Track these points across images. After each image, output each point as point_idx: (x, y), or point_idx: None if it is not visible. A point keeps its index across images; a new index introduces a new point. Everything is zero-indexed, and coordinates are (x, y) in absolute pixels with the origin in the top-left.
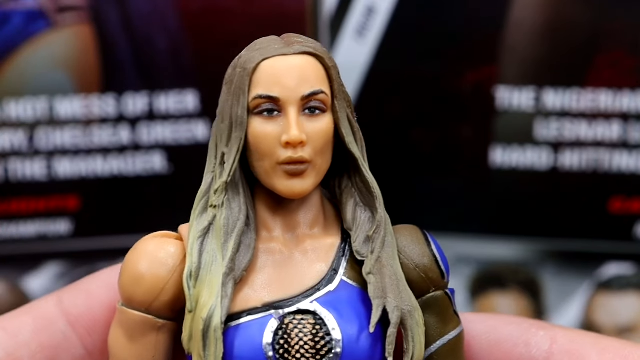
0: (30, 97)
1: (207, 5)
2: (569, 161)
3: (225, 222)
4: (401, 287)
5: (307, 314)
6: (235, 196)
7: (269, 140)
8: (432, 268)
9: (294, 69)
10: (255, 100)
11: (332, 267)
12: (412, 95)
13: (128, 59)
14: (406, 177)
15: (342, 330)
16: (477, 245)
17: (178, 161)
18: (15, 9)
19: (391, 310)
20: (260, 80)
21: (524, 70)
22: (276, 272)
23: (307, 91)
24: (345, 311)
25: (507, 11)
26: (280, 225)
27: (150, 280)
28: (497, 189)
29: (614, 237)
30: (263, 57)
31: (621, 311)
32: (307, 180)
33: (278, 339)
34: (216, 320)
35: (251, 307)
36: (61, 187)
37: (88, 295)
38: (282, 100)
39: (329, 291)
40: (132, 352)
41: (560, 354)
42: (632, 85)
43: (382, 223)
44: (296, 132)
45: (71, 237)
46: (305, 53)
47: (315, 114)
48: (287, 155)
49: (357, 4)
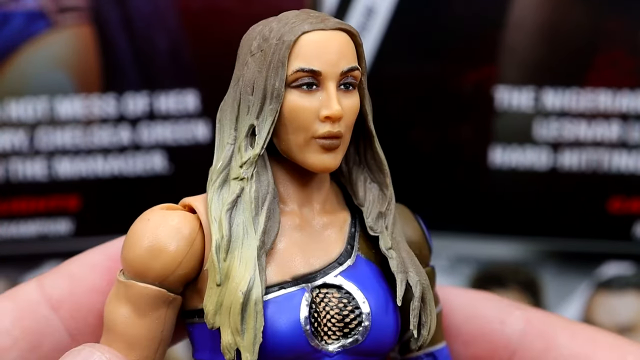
0: (31, 97)
1: (207, 5)
2: (569, 161)
3: (256, 194)
4: (415, 262)
5: (332, 288)
6: (263, 169)
7: (306, 113)
8: (424, 244)
9: (334, 44)
10: (296, 73)
11: (348, 242)
12: (412, 95)
13: (128, 59)
14: (406, 177)
15: (371, 304)
16: (477, 245)
17: (178, 161)
18: (16, 10)
19: (414, 284)
20: (301, 53)
21: (523, 70)
22: (300, 246)
23: (346, 67)
24: (369, 285)
25: (507, 11)
26: (296, 200)
27: (170, 252)
28: (496, 189)
29: (613, 237)
30: (302, 30)
31: (621, 311)
32: (338, 155)
33: (312, 312)
34: (256, 293)
35: (283, 281)
36: (61, 187)
37: (70, 278)
38: (323, 74)
39: (349, 265)
40: (142, 327)
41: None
42: (632, 85)
43: (392, 199)
44: (338, 107)
45: (71, 237)
46: (340, 29)
47: (349, 90)
48: (326, 130)
49: (357, 4)
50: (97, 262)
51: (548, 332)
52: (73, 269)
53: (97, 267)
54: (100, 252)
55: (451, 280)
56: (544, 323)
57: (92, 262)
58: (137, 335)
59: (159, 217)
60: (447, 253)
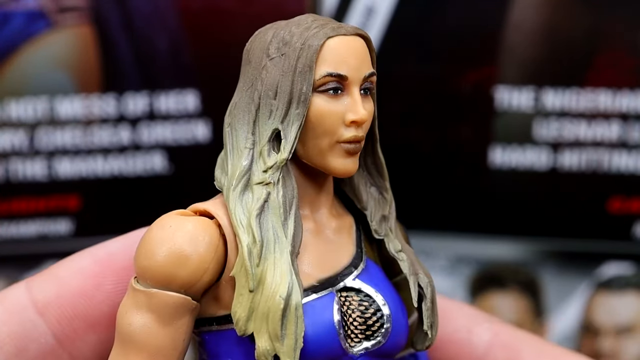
0: (31, 97)
1: (207, 5)
2: (569, 161)
3: (283, 199)
4: (421, 263)
5: (351, 291)
6: (288, 174)
7: (333, 118)
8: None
9: (356, 49)
10: (325, 77)
11: (358, 245)
12: (412, 95)
13: (128, 59)
14: (405, 177)
15: (390, 306)
16: (477, 245)
17: (178, 161)
18: (16, 9)
19: (425, 285)
20: (328, 58)
21: (523, 70)
22: (319, 249)
23: (367, 72)
24: (383, 287)
25: (507, 12)
26: (309, 205)
27: (196, 259)
28: (496, 189)
29: (613, 237)
30: (327, 35)
31: (620, 311)
32: (357, 159)
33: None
34: (296, 298)
35: (311, 285)
36: (62, 187)
37: (57, 282)
38: (349, 79)
39: (363, 268)
40: (165, 336)
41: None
42: (632, 85)
43: (392, 203)
44: (364, 111)
45: (72, 237)
46: (358, 35)
47: (367, 95)
48: (351, 134)
49: (357, 4)
50: (85, 265)
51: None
52: (60, 272)
53: (84, 271)
54: (88, 256)
55: (451, 280)
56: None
57: (80, 266)
58: (160, 346)
59: (178, 223)
60: (447, 253)
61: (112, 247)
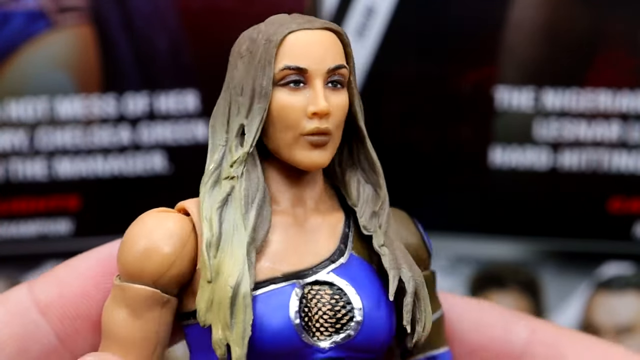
0: (31, 97)
1: (207, 5)
2: (569, 161)
3: (246, 192)
4: (408, 259)
5: (324, 285)
6: (253, 168)
7: (295, 111)
8: (421, 247)
9: (320, 42)
10: (283, 71)
11: (342, 241)
12: (412, 95)
13: (128, 59)
14: (405, 177)
15: (363, 299)
16: (477, 245)
17: (178, 161)
18: (16, 10)
19: (406, 280)
20: (287, 52)
21: (523, 70)
22: (291, 244)
23: (332, 64)
24: (361, 281)
25: (507, 11)
26: (289, 200)
27: (162, 252)
28: (496, 189)
29: (613, 237)
30: (289, 30)
31: (620, 311)
32: (327, 152)
33: (302, 307)
34: (245, 287)
35: (269, 277)
36: (61, 187)
37: (59, 283)
38: (309, 72)
39: (342, 263)
40: (136, 328)
41: (539, 344)
42: (632, 85)
43: (386, 199)
44: (324, 103)
45: (72, 237)
46: (327, 28)
47: (337, 87)
48: (313, 126)
49: (357, 4)
50: (87, 267)
51: (555, 342)
52: (62, 274)
53: (86, 272)
54: (91, 258)
55: (451, 280)
56: (551, 334)
57: (82, 268)
58: (132, 337)
59: (152, 219)
60: (447, 253)
61: (115, 247)
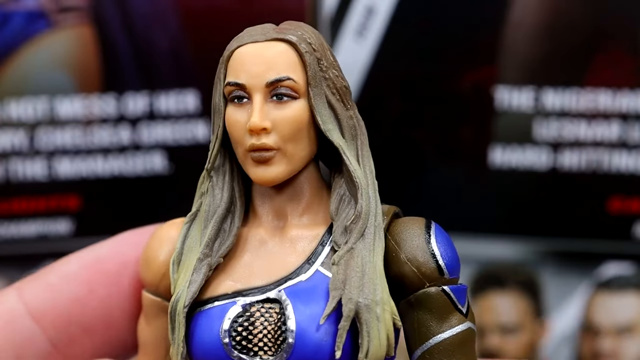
0: (31, 97)
1: (207, 5)
2: (569, 161)
3: (207, 208)
4: (366, 279)
5: (275, 303)
6: (219, 182)
7: (238, 127)
8: (425, 263)
9: (261, 56)
10: (227, 87)
11: (309, 258)
12: (412, 95)
13: (128, 59)
14: (406, 177)
15: (297, 320)
16: (477, 245)
17: (178, 161)
18: (16, 10)
19: (345, 302)
20: (232, 67)
21: (523, 70)
22: (253, 260)
23: (272, 78)
24: (308, 301)
25: (507, 11)
26: (269, 212)
27: (155, 263)
28: (496, 189)
29: (613, 237)
30: (238, 44)
31: (620, 311)
32: (275, 167)
33: (236, 326)
34: (180, 305)
35: (221, 294)
36: (62, 187)
37: (51, 289)
38: (248, 87)
39: (300, 281)
40: (149, 333)
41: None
42: (632, 85)
43: (361, 213)
44: (256, 119)
45: (72, 237)
46: (277, 39)
47: (282, 100)
48: (250, 142)
49: (357, 4)
50: (75, 271)
51: None
52: (52, 279)
53: (76, 277)
54: (76, 262)
55: None
56: None
57: (70, 272)
58: (147, 341)
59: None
60: None
61: (100, 251)
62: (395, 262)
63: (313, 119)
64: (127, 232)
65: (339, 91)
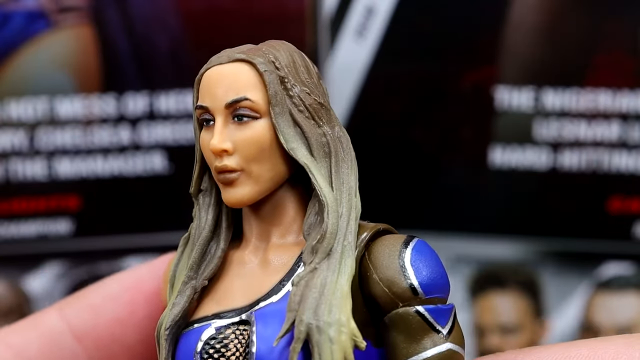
0: (31, 97)
1: (207, 6)
2: (568, 161)
3: (194, 232)
4: (322, 299)
5: (247, 325)
6: (204, 205)
7: (206, 149)
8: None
9: (222, 78)
10: (196, 110)
11: (283, 279)
12: (412, 95)
13: (128, 59)
14: (406, 177)
15: (258, 343)
16: (477, 245)
17: (178, 161)
18: (16, 10)
19: (297, 324)
20: (200, 90)
21: (523, 70)
22: (234, 282)
23: (229, 99)
24: (272, 323)
25: (507, 11)
26: (255, 233)
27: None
28: (496, 189)
29: (613, 237)
30: (206, 67)
31: (620, 311)
32: (240, 189)
33: (208, 348)
34: (162, 328)
35: (202, 316)
36: (62, 187)
37: (93, 310)
38: (211, 110)
39: (271, 302)
40: None
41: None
42: (632, 85)
43: (326, 232)
44: (215, 142)
45: (72, 237)
46: (237, 60)
47: (242, 121)
48: (215, 164)
49: (357, 4)
50: (116, 292)
51: None
52: (94, 299)
53: (117, 298)
54: (117, 282)
55: (451, 280)
56: None
57: (112, 293)
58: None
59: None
60: (447, 253)
61: (139, 272)
62: (369, 282)
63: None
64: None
65: (308, 108)
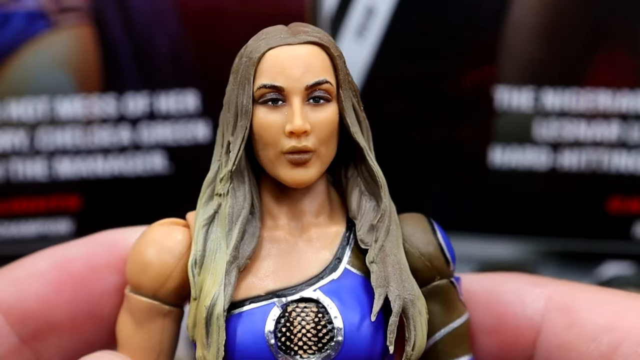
0: (31, 97)
1: (207, 6)
2: (568, 161)
3: (230, 210)
4: (404, 275)
5: (310, 302)
6: (240, 184)
7: (273, 129)
8: (437, 256)
9: (299, 59)
10: (260, 89)
11: (336, 256)
12: (412, 95)
13: (128, 59)
14: (406, 177)
15: (344, 319)
16: (477, 245)
17: (178, 161)
18: (16, 10)
19: (393, 298)
20: (265, 69)
21: (523, 70)
22: (280, 260)
23: (311, 81)
24: (347, 299)
25: (507, 11)
26: (286, 214)
27: (157, 267)
28: (496, 189)
29: (613, 237)
30: (268, 46)
31: None
32: (311, 169)
33: (280, 326)
34: (219, 308)
35: (254, 295)
36: (62, 187)
37: (18, 285)
38: (286, 90)
39: (333, 279)
40: (138, 337)
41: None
42: (632, 85)
43: (386, 212)
44: (300, 122)
45: (72, 237)
46: (310, 42)
47: (319, 103)
48: (291, 145)
49: (357, 4)
50: (43, 269)
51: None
52: (20, 274)
53: (43, 275)
54: (46, 259)
55: None
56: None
57: (39, 270)
58: (136, 345)
59: (152, 231)
60: None
61: (71, 252)
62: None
63: (341, 121)
64: (100, 233)
65: (356, 92)
